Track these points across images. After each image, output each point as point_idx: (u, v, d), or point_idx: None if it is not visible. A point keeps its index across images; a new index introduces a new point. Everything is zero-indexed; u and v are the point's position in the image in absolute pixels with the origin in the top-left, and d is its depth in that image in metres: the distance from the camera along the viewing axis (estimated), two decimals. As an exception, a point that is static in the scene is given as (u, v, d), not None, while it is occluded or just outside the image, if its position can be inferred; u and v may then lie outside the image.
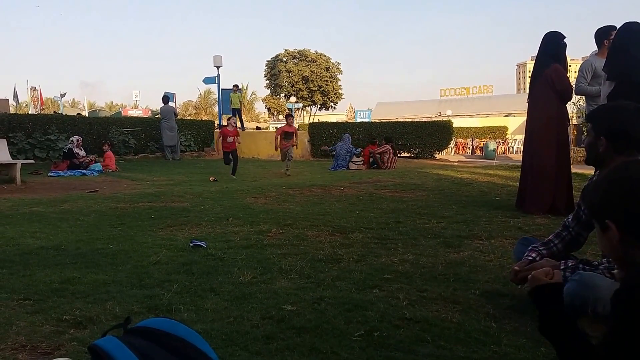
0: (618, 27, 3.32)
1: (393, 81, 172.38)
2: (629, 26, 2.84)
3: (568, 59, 3.57)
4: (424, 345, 1.26)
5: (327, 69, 34.60)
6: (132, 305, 1.59)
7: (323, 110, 36.38)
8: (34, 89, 18.66)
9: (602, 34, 3.39)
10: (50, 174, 7.06)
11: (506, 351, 1.22)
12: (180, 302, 1.61)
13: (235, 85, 12.67)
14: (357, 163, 8.91)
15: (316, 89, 34.06)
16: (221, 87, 13.22)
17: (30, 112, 14.37)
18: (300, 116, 35.27)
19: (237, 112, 12.57)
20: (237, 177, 6.93)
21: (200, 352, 0.99)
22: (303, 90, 33.86)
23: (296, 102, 29.31)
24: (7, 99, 12.32)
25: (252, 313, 1.51)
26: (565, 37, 3.30)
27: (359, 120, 24.57)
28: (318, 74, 33.85)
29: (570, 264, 1.40)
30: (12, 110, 13.60)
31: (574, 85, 3.65)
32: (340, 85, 35.81)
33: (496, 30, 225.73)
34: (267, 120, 42.40)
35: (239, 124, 12.72)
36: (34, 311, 1.54)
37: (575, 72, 3.76)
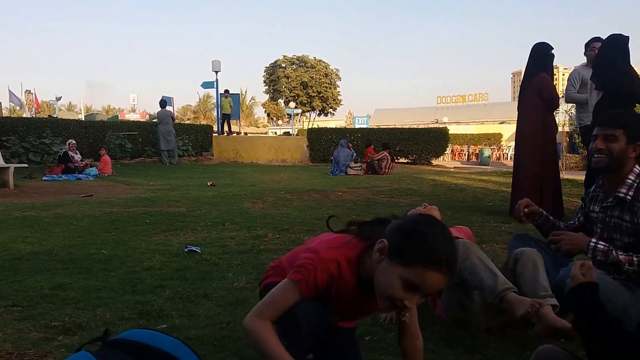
0: (603, 38, 3.47)
1: (391, 88, 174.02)
2: (615, 38, 2.94)
3: (561, 68, 3.67)
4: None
5: (326, 75, 34.78)
6: (123, 311, 1.57)
7: (322, 116, 36.53)
8: (28, 92, 18.57)
9: (586, 46, 3.58)
10: (44, 178, 6.99)
11: (494, 354, 1.23)
12: (172, 308, 1.59)
13: (226, 91, 12.66)
14: (355, 168, 8.93)
15: (315, 94, 34.19)
16: (220, 92, 13.25)
17: (24, 116, 14.27)
18: (299, 121, 35.38)
19: (226, 118, 12.58)
20: (235, 181, 6.78)
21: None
22: (302, 96, 33.99)
23: (295, 107, 29.40)
24: (0, 102, 12.22)
25: (246, 319, 1.49)
26: (553, 48, 3.39)
27: (357, 126, 24.70)
28: (317, 79, 34.01)
29: (600, 248, 1.31)
30: (5, 113, 13.52)
31: (564, 94, 3.74)
32: (339, 92, 36.00)
33: (492, 39, 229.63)
34: (267, 125, 42.47)
35: (226, 128, 12.74)
36: (22, 317, 1.51)
37: (566, 80, 3.90)
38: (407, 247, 0.83)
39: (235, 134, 13.53)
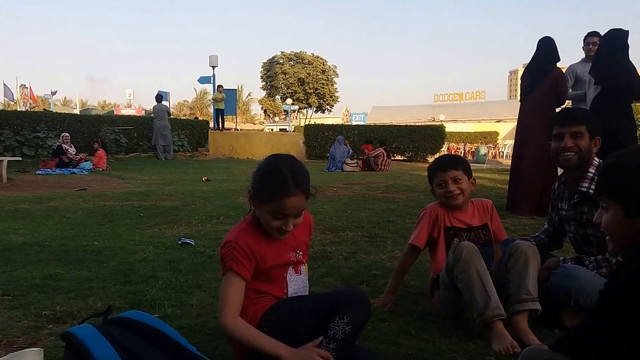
0: (598, 32, 3.50)
1: (388, 86, 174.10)
2: (614, 33, 2.94)
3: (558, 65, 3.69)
4: (408, 338, 1.27)
5: (324, 71, 34.62)
6: (114, 300, 1.56)
7: (319, 112, 36.42)
8: (23, 86, 18.34)
9: (583, 41, 3.63)
10: (38, 172, 6.93)
11: (487, 344, 1.23)
12: (164, 298, 1.59)
13: (220, 86, 12.62)
14: (352, 165, 8.94)
15: (312, 91, 34.07)
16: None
17: (18, 110, 14.11)
18: (296, 118, 35.28)
19: (220, 113, 12.50)
20: (230, 177, 6.78)
21: (181, 347, 0.97)
22: (299, 92, 33.83)
23: (292, 104, 29.27)
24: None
25: (238, 309, 1.49)
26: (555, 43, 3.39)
27: (354, 123, 24.70)
28: (314, 76, 33.87)
29: (568, 258, 1.44)
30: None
31: None
32: (336, 88, 35.87)
33: (489, 38, 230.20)
34: (263, 122, 42.28)
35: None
36: (12, 306, 1.50)
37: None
38: (261, 188, 0.98)
39: (228, 130, 13.48)
